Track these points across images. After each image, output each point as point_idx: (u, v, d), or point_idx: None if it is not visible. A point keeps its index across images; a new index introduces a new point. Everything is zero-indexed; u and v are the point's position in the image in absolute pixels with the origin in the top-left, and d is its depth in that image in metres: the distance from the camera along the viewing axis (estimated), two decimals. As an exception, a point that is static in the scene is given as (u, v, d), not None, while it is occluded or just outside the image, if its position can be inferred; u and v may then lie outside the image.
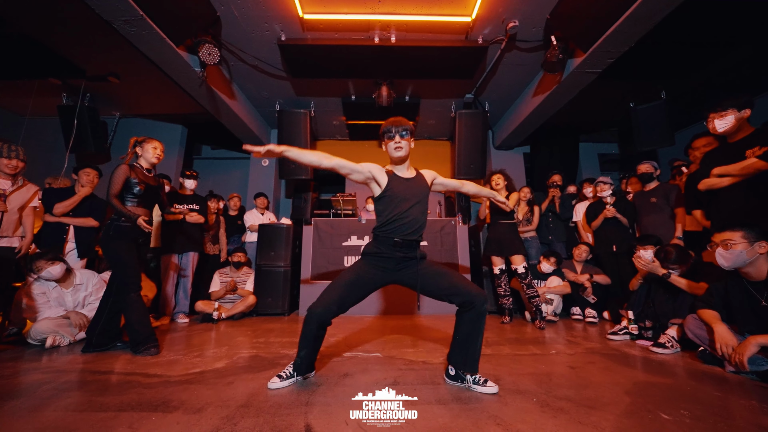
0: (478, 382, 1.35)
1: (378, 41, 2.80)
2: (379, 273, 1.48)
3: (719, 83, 3.59)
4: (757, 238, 1.46)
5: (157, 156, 2.19)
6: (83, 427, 1.06)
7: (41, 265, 2.16)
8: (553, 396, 1.30)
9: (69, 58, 3.10)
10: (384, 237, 1.47)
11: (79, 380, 1.50)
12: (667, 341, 1.89)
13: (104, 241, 1.97)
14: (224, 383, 1.45)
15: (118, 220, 1.96)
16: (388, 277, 1.50)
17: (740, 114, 2.00)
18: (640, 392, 1.32)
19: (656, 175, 2.98)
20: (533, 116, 3.72)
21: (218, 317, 2.99)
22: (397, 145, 1.45)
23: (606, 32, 2.39)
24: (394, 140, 1.46)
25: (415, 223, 1.47)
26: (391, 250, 1.46)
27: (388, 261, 1.47)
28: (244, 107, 3.85)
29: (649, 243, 2.59)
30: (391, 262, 1.47)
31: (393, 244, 1.45)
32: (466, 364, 1.39)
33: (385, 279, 1.51)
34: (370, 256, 1.50)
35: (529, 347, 2.05)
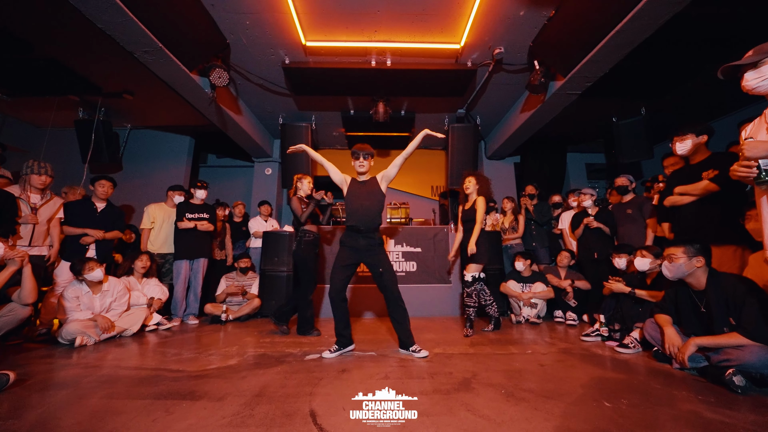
0: (416, 351, 2.03)
1: (375, 65, 3.04)
2: (351, 254, 2.07)
3: (692, 101, 3.83)
4: (696, 253, 1.70)
5: (310, 188, 2.76)
6: (128, 411, 1.30)
7: (92, 265, 2.40)
8: (519, 389, 1.53)
9: (88, 78, 3.34)
10: (350, 226, 2.07)
11: (114, 375, 1.73)
12: (630, 342, 2.12)
13: (297, 252, 2.62)
14: (238, 377, 1.69)
15: (306, 236, 2.63)
16: (358, 257, 2.08)
17: (698, 139, 2.24)
18: (593, 385, 1.56)
19: (631, 187, 3.22)
20: (521, 130, 3.96)
21: (226, 319, 3.22)
22: (361, 164, 2.11)
23: (582, 60, 2.62)
24: (359, 160, 2.10)
25: (369, 213, 2.05)
26: (356, 236, 2.05)
27: (357, 243, 2.05)
28: (249, 121, 4.09)
29: (623, 252, 2.83)
30: (358, 247, 2.05)
31: (358, 231, 2.03)
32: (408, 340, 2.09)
33: (354, 260, 2.09)
34: (344, 244, 2.10)
35: (508, 347, 2.29)
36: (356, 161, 2.11)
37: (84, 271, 2.43)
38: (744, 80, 1.41)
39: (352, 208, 2.07)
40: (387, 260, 2.12)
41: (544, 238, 3.91)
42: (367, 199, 2.07)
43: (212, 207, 3.64)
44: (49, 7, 2.38)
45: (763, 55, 1.33)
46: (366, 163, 2.10)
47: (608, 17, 2.25)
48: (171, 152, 4.62)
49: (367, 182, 2.14)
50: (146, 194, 4.25)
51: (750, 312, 1.49)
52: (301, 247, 2.61)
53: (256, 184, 4.88)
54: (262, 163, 4.92)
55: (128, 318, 2.66)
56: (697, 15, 2.30)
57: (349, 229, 2.08)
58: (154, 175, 3.91)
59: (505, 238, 3.95)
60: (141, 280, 3.05)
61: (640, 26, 2.23)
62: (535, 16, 2.57)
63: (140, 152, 4.61)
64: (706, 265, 1.72)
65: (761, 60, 1.34)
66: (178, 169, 4.56)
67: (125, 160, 4.55)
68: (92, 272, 2.45)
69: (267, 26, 2.67)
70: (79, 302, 2.44)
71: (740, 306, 1.53)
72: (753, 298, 1.51)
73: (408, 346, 2.07)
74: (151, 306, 2.92)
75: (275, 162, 4.92)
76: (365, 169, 2.12)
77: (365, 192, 2.09)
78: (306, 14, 2.58)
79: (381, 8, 2.51)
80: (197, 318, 3.35)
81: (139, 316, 2.71)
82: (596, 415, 1.25)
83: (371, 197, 2.08)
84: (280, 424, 1.20)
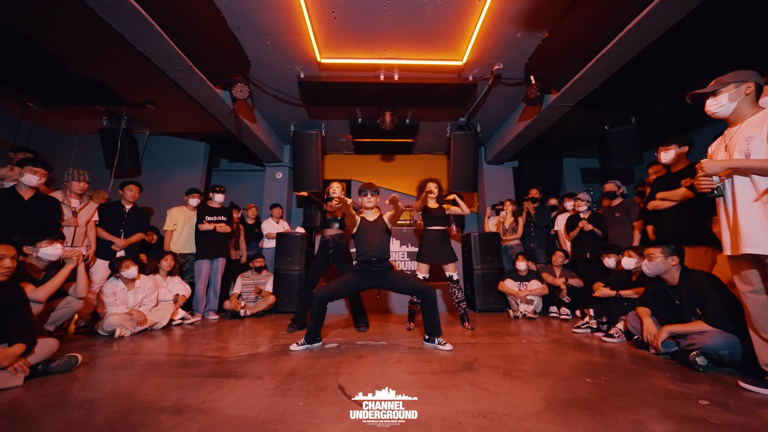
0: (441, 344, 2.19)
1: (383, 79, 3.29)
2: (365, 281, 2.27)
3: (678, 111, 4.09)
4: (671, 253, 1.94)
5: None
6: (184, 386, 1.54)
7: (128, 263, 2.65)
8: (515, 369, 1.77)
9: (116, 90, 3.59)
10: (363, 260, 2.27)
11: (159, 360, 1.97)
12: (616, 332, 2.37)
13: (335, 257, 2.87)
14: (270, 362, 1.93)
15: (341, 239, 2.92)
16: (370, 284, 2.28)
17: (680, 150, 2.49)
18: (579, 366, 1.80)
19: (620, 192, 3.47)
20: (519, 138, 4.21)
21: (244, 314, 3.46)
22: (368, 200, 2.40)
23: (574, 77, 2.88)
24: (367, 197, 2.40)
25: (379, 248, 2.27)
26: (369, 267, 2.25)
27: (370, 273, 2.25)
28: (262, 128, 4.33)
29: (613, 252, 3.09)
30: (371, 274, 2.25)
31: (370, 263, 2.24)
32: (433, 331, 2.24)
33: (368, 285, 2.29)
34: (356, 272, 2.29)
35: (506, 338, 2.53)
36: (364, 198, 2.39)
37: (121, 268, 2.67)
38: (706, 105, 1.65)
39: (365, 244, 2.27)
40: (399, 273, 2.35)
41: (542, 240, 4.15)
42: (376, 237, 2.30)
43: (229, 210, 3.88)
44: (91, 30, 2.62)
45: (721, 86, 1.58)
46: (373, 200, 2.40)
47: (596, 41, 2.50)
48: (187, 158, 4.87)
49: (376, 221, 2.39)
50: (164, 198, 4.49)
51: (712, 303, 1.74)
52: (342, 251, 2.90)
53: (267, 188, 5.12)
54: (273, 167, 5.16)
55: (158, 313, 2.90)
56: (676, 38, 2.54)
57: (361, 263, 2.27)
58: (171, 180, 4.15)
59: (504, 239, 4.19)
60: (166, 278, 3.29)
61: (624, 49, 2.49)
62: (531, 38, 2.82)
63: (158, 158, 4.85)
64: (680, 263, 1.97)
65: (719, 89, 1.59)
66: (194, 174, 4.80)
67: (144, 165, 4.79)
68: (128, 270, 2.69)
69: (286, 45, 2.92)
70: (115, 297, 2.68)
71: (705, 298, 1.78)
72: (716, 291, 1.76)
73: (434, 337, 2.24)
74: (176, 302, 3.16)
75: (285, 167, 5.16)
76: (372, 204, 2.41)
77: (375, 229, 2.33)
78: (322, 35, 2.83)
79: (391, 30, 2.76)
80: (217, 313, 3.58)
81: (167, 311, 2.95)
82: (578, 388, 1.49)
83: (380, 234, 2.32)
84: (315, 394, 1.44)
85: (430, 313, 2.23)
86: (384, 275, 2.27)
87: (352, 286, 2.29)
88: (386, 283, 2.27)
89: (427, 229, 2.95)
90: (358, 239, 2.34)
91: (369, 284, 2.29)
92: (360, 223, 2.37)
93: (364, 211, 2.45)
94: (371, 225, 2.38)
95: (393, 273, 2.32)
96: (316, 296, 2.16)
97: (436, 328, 2.23)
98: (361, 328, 2.79)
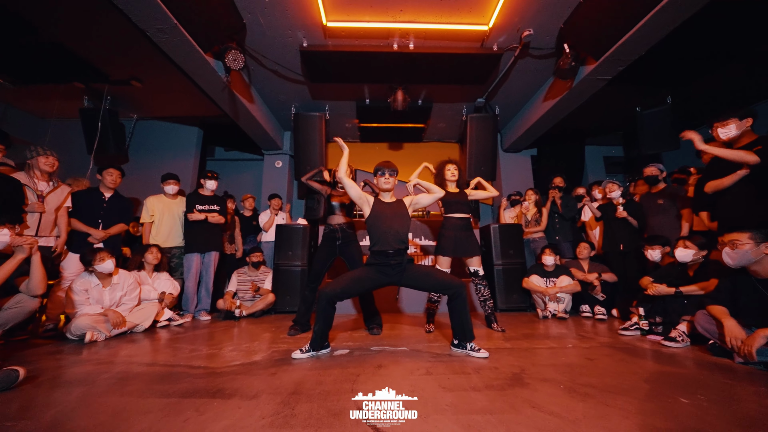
0: (474, 349, 1.82)
1: (397, 48, 2.91)
2: (381, 277, 1.90)
3: (724, 89, 3.72)
4: (764, 239, 1.57)
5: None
6: (154, 410, 1.16)
7: (103, 256, 2.26)
8: (577, 383, 1.40)
9: (95, 63, 3.20)
10: (378, 251, 1.89)
11: (131, 371, 1.59)
12: (678, 336, 2.00)
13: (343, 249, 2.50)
14: (268, 374, 1.55)
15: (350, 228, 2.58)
16: (387, 280, 1.91)
17: (741, 123, 2.13)
18: (656, 380, 1.43)
19: (662, 177, 3.10)
20: (542, 120, 3.83)
21: (240, 314, 3.08)
22: (386, 180, 2.01)
23: (618, 41, 2.50)
24: (384, 177, 2.02)
25: (399, 236, 1.89)
26: (386, 260, 1.88)
27: (386, 267, 1.89)
28: (260, 110, 3.95)
29: (657, 243, 2.72)
30: (388, 268, 1.89)
31: (387, 256, 1.87)
32: (465, 335, 1.86)
33: (384, 281, 1.92)
34: (370, 265, 1.92)
35: (545, 341, 2.16)
36: (381, 178, 2.01)
37: (95, 261, 2.29)
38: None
39: (380, 230, 1.90)
40: (420, 267, 2.00)
41: (567, 232, 3.78)
42: (396, 221, 1.92)
43: (223, 198, 3.50)
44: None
45: None
46: (391, 180, 2.01)
47: (650, -7, 2.13)
48: (178, 144, 4.48)
49: (394, 204, 2.01)
50: (152, 187, 4.08)
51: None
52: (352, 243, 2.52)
53: (266, 178, 4.74)
54: (273, 155, 4.78)
55: (139, 313, 2.52)
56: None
57: (376, 255, 1.89)
58: (162, 167, 3.75)
59: (527, 231, 3.82)
60: (152, 275, 2.91)
61: (685, 2, 2.11)
62: (569, -5, 2.44)
63: (147, 144, 4.46)
64: (773, 251, 1.60)
65: None
66: (186, 161, 4.42)
67: (131, 152, 4.40)
68: (103, 263, 2.31)
69: (287, 5, 2.53)
70: (88, 295, 2.30)
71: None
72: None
73: (465, 342, 1.86)
74: (162, 301, 2.78)
75: (286, 155, 4.78)
76: (390, 186, 2.02)
77: (393, 213, 1.95)
78: (329, -8, 2.45)
79: (408, -15, 2.39)
80: (209, 314, 3.21)
81: (150, 311, 2.57)
82: (678, 412, 1.12)
83: (400, 219, 1.94)
84: (329, 424, 1.06)
85: (461, 313, 1.86)
86: (403, 270, 1.90)
87: (365, 283, 1.91)
88: (406, 279, 1.91)
89: (448, 217, 2.58)
90: (372, 226, 1.96)
91: (386, 280, 1.92)
92: (374, 205, 1.99)
93: (381, 194, 2.09)
94: (388, 209, 2.00)
95: (413, 267, 1.96)
96: (323, 294, 1.79)
97: (468, 332, 1.85)
98: (374, 330, 2.41)
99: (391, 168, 2.04)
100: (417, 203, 2.07)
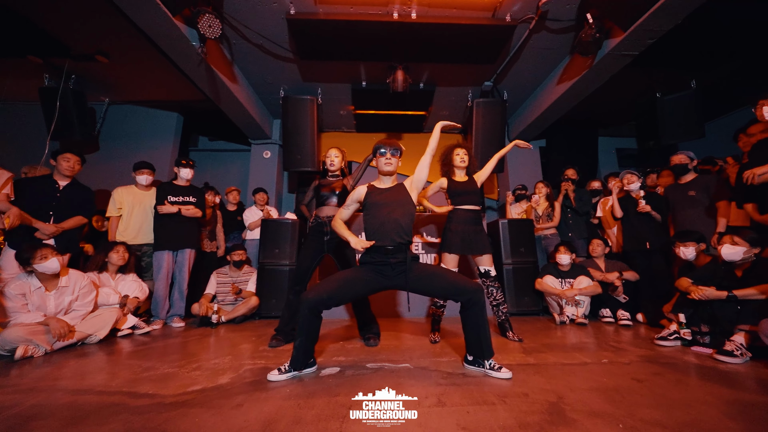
0: (494, 368, 1.47)
1: (397, 17, 2.55)
2: (377, 277, 1.56)
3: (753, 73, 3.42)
4: None
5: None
6: (47, 476, 0.79)
7: (45, 253, 1.87)
8: (636, 419, 1.06)
9: (52, 34, 2.79)
10: (375, 246, 1.55)
11: (51, 403, 1.22)
12: (735, 349, 1.67)
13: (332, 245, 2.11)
14: (231, 405, 1.19)
15: None
16: (386, 282, 1.57)
17: None
18: (742, 415, 1.09)
19: (692, 166, 2.79)
20: (555, 106, 3.51)
21: (218, 321, 2.70)
22: (388, 161, 1.67)
23: (652, 7, 2.17)
24: (385, 157, 1.67)
25: (399, 227, 1.57)
26: (384, 258, 1.55)
27: (385, 267, 1.56)
28: (246, 93, 3.56)
29: (691, 240, 2.39)
30: (387, 268, 1.56)
31: (385, 252, 1.55)
32: (483, 351, 1.51)
33: (383, 284, 1.58)
34: (369, 265, 1.58)
35: (574, 355, 1.82)
36: (381, 158, 1.68)
37: (34, 259, 1.90)
38: None
39: (377, 220, 1.59)
40: (428, 267, 1.62)
41: (582, 229, 3.46)
42: (396, 209, 1.60)
43: (200, 190, 3.12)
44: None
45: None
46: (394, 161, 1.68)
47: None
48: (155, 131, 4.07)
49: (393, 189, 1.69)
50: (126, 178, 3.67)
51: None
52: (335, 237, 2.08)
53: (253, 170, 4.35)
54: (260, 145, 4.39)
55: (93, 321, 2.14)
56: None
57: (372, 251, 1.57)
58: (136, 157, 3.34)
59: (538, 228, 3.49)
60: (115, 276, 2.52)
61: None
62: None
63: (120, 130, 4.04)
64: None
65: None
66: (164, 150, 4.01)
67: (102, 139, 3.99)
68: (45, 262, 1.92)
69: (269, -41, 2.17)
70: (26, 301, 1.91)
71: None
72: None
73: (482, 359, 1.51)
74: (124, 306, 2.40)
75: (275, 144, 4.39)
76: (393, 168, 1.69)
77: (392, 200, 1.64)
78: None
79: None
80: (183, 320, 2.82)
81: (107, 318, 2.18)
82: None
83: (401, 207, 1.62)
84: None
85: (478, 325, 1.51)
86: (407, 270, 1.54)
87: (358, 287, 1.56)
88: (411, 281, 1.55)
89: (456, 209, 2.24)
90: (368, 216, 1.65)
91: (385, 283, 1.58)
92: (367, 194, 1.69)
93: (380, 178, 1.74)
94: (387, 195, 1.66)
95: (419, 267, 1.60)
96: (305, 301, 1.44)
97: (487, 347, 1.51)
98: (370, 341, 2.05)
99: (393, 147, 1.69)
100: (418, 180, 1.70)
